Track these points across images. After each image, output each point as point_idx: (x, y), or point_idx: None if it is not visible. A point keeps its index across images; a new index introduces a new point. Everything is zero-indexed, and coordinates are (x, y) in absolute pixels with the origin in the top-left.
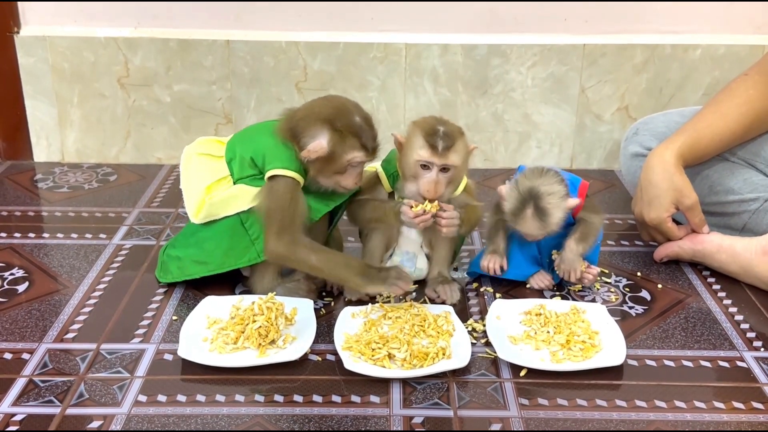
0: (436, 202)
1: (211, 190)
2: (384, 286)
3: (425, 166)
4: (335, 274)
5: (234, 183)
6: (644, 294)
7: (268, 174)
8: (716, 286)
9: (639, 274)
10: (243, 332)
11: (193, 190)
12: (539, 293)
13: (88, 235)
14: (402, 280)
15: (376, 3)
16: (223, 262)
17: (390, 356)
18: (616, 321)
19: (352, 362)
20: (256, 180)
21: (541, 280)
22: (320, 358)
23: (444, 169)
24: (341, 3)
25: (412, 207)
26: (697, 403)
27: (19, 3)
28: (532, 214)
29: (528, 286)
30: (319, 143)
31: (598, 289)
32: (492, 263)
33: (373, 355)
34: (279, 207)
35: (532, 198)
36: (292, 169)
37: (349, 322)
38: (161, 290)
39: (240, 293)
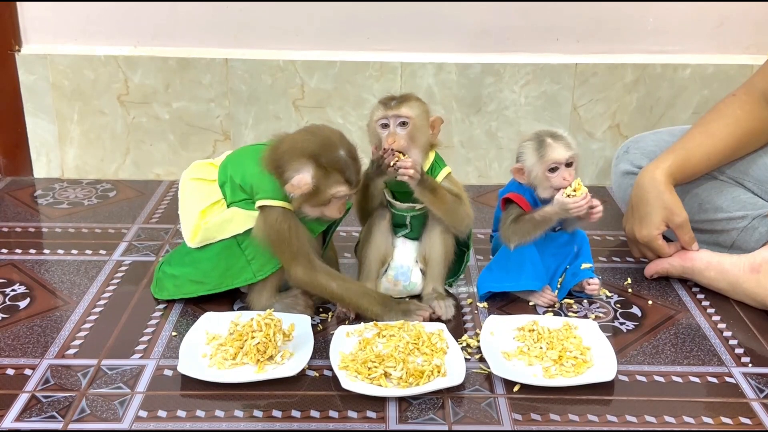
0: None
1: (206, 214)
2: (404, 316)
3: (384, 125)
4: (355, 302)
5: (228, 206)
6: (635, 310)
7: (257, 204)
8: (705, 303)
9: (630, 290)
10: (242, 348)
11: (188, 215)
12: (532, 309)
13: (88, 251)
14: (421, 309)
15: (372, 23)
16: (220, 283)
17: (386, 375)
18: (607, 337)
19: (350, 382)
20: (249, 203)
21: (544, 297)
22: (317, 374)
23: (402, 123)
24: (338, 23)
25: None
26: (686, 419)
27: (20, 22)
28: (552, 137)
29: (531, 303)
30: (303, 179)
31: (599, 298)
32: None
33: (369, 374)
34: (282, 238)
35: (542, 132)
36: (280, 198)
37: (344, 341)
38: (161, 306)
39: (238, 309)
